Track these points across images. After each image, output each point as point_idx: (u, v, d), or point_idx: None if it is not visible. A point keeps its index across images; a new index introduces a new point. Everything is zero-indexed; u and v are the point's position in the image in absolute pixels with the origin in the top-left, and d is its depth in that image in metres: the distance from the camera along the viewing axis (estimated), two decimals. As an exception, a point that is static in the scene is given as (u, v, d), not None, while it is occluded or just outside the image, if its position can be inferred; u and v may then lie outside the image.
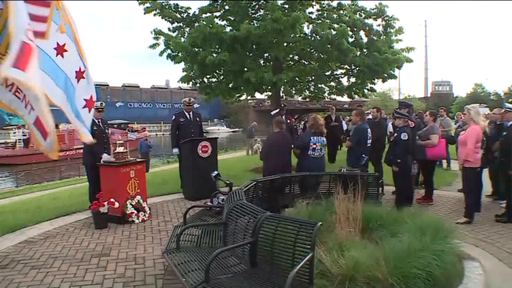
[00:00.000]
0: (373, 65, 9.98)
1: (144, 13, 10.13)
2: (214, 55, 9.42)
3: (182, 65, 10.33)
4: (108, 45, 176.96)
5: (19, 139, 27.92)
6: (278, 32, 8.79)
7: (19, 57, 2.65)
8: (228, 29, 10.14)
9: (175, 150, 7.65)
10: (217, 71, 10.50)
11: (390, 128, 8.58)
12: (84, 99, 4.79)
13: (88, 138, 4.95)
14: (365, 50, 10.45)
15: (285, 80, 9.59)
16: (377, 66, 10.02)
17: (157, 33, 10.04)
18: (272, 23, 8.55)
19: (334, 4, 11.04)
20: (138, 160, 6.39)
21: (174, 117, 7.76)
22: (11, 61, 2.54)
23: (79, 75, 4.62)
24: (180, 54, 9.69)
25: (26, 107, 3.33)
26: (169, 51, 10.35)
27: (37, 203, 7.07)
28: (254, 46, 9.92)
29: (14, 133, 30.02)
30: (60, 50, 4.27)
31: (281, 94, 11.62)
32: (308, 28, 10.84)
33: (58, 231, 5.38)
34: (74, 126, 4.76)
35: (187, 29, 10.62)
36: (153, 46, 10.26)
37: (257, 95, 13.34)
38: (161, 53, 10.29)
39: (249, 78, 9.30)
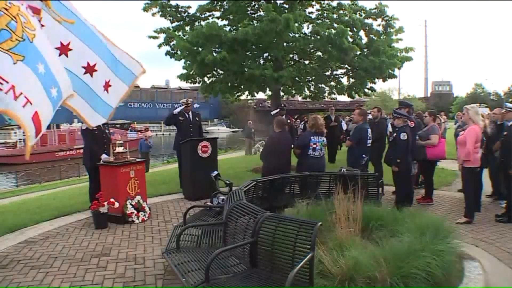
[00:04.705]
0: (371, 68, 10.00)
1: (144, 10, 10.16)
2: (214, 54, 9.46)
3: (182, 63, 10.39)
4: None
5: (19, 139, 27.92)
6: (275, 32, 8.82)
7: None
8: (228, 28, 10.18)
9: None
10: (217, 70, 10.51)
11: (389, 128, 8.58)
12: (102, 86, 4.77)
13: (94, 123, 4.91)
14: (365, 50, 10.46)
15: (286, 78, 9.59)
16: (374, 69, 10.04)
17: (161, 31, 10.09)
18: (269, 24, 8.58)
19: (334, 4, 11.06)
20: (138, 160, 6.39)
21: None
22: None
23: (90, 69, 4.58)
24: (179, 52, 9.72)
25: (17, 100, 3.08)
26: (168, 47, 10.41)
27: (37, 203, 7.07)
28: (253, 46, 9.94)
29: (15, 133, 30.08)
30: (64, 49, 4.25)
31: (281, 94, 11.63)
32: (308, 28, 10.87)
33: (58, 231, 5.38)
34: (80, 112, 4.72)
35: (187, 28, 10.66)
36: (153, 37, 10.34)
37: (257, 95, 13.38)
38: (159, 46, 10.40)
39: (254, 74, 9.32)
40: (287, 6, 10.29)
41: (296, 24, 9.03)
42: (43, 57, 3.10)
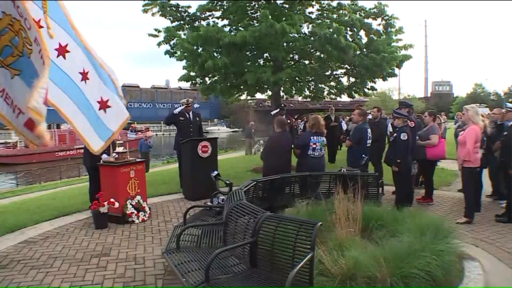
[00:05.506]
0: (371, 65, 9.99)
1: (143, 12, 10.16)
2: (215, 54, 9.45)
3: (182, 63, 10.40)
4: (108, 45, 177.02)
5: (20, 139, 27.92)
6: (274, 35, 8.85)
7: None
8: (228, 28, 10.18)
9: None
10: (217, 72, 10.54)
11: (390, 128, 8.58)
12: (97, 102, 4.79)
13: (96, 147, 4.94)
14: (364, 50, 10.46)
15: (285, 79, 9.62)
16: (375, 66, 10.03)
17: (161, 31, 10.13)
18: (268, 28, 8.60)
19: (334, 4, 11.06)
20: (138, 160, 6.39)
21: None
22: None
23: (84, 76, 4.59)
24: (179, 52, 9.73)
25: (14, 112, 3.31)
26: (168, 47, 10.41)
27: (37, 203, 7.06)
28: (252, 47, 9.95)
29: (16, 133, 30.05)
30: (62, 51, 4.24)
31: (281, 94, 11.65)
32: (308, 28, 10.88)
33: (58, 231, 5.38)
34: (84, 137, 4.75)
35: (187, 27, 10.67)
36: (153, 35, 10.36)
37: (257, 95, 13.39)
38: (159, 44, 10.41)
39: (252, 76, 9.34)
40: (287, 6, 10.29)
41: (294, 27, 9.03)
42: (37, 72, 3.13)
